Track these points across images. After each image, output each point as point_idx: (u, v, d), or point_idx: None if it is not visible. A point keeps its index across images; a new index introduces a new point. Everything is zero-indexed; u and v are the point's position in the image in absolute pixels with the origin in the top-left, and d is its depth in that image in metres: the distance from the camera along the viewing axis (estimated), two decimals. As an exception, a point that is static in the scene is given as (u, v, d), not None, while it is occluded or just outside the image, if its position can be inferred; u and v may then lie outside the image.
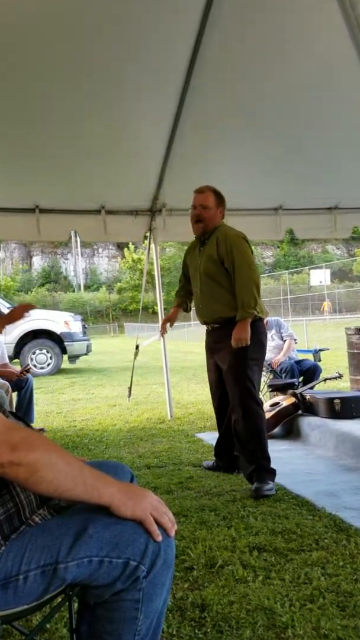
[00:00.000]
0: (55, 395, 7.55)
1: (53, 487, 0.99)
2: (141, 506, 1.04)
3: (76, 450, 4.09)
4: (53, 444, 1.04)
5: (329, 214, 5.29)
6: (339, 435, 3.74)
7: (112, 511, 1.03)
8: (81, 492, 1.01)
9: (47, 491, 1.00)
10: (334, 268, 41.57)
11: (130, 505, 1.03)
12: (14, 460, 0.96)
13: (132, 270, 44.20)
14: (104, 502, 1.03)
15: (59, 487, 1.00)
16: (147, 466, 3.52)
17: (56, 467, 0.99)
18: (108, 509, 1.03)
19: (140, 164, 4.33)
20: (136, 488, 1.09)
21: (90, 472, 1.04)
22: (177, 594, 1.85)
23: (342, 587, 1.85)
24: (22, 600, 1.01)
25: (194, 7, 2.85)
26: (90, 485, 1.02)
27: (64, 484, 1.00)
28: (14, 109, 3.45)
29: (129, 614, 1.03)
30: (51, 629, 1.67)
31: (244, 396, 3.00)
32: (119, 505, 1.03)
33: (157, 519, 1.04)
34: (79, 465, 1.03)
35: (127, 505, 1.03)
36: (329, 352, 7.12)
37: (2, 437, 0.97)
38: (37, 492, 1.05)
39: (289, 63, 3.29)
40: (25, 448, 0.97)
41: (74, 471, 1.01)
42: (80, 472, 1.03)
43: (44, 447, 1.00)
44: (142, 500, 1.05)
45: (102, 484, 1.04)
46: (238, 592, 1.84)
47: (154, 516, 1.04)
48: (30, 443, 0.99)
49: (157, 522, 1.04)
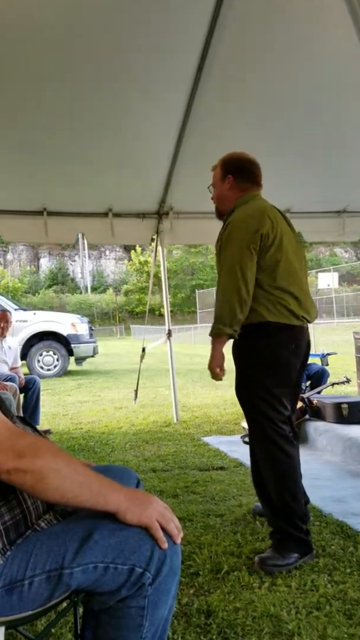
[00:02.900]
0: (62, 397, 7.56)
1: (59, 494, 0.99)
2: (147, 512, 1.03)
3: (82, 453, 4.09)
4: (59, 450, 1.04)
5: (338, 217, 5.27)
6: (347, 441, 3.71)
7: (118, 518, 1.02)
8: (87, 498, 1.01)
9: (53, 498, 1.00)
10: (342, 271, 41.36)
11: (136, 511, 1.03)
12: (20, 467, 0.95)
13: (138, 273, 44.28)
14: (110, 508, 1.02)
15: (65, 494, 0.99)
16: (153, 470, 3.51)
17: (62, 474, 0.99)
18: (114, 515, 1.02)
19: (147, 167, 4.34)
20: (142, 494, 1.08)
21: (97, 479, 1.04)
22: (183, 600, 1.84)
23: (349, 595, 1.83)
24: (27, 605, 1.00)
25: (203, 9, 2.85)
26: (96, 492, 1.02)
27: (70, 490, 0.99)
28: (22, 112, 3.46)
29: (134, 621, 1.03)
30: (56, 634, 1.67)
31: (257, 436, 2.24)
32: (125, 511, 1.02)
33: (163, 526, 1.03)
34: (85, 472, 1.03)
35: (134, 512, 1.02)
36: (337, 356, 7.07)
37: (8, 443, 0.97)
38: (43, 499, 1.05)
39: (297, 67, 3.28)
40: (31, 455, 0.97)
41: (80, 477, 1.01)
42: (87, 478, 1.02)
43: (50, 454, 1.00)
44: (149, 506, 1.04)
45: (108, 490, 1.03)
46: (244, 598, 1.83)
47: (160, 522, 1.03)
48: (36, 450, 0.98)
49: (163, 529, 1.03)
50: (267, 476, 2.18)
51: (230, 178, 2.37)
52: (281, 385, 2.20)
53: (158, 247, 5.21)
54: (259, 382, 2.19)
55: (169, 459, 3.79)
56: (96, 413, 6.06)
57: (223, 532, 2.42)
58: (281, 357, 2.18)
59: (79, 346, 10.76)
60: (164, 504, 1.09)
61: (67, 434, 4.91)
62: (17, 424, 1.13)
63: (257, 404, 2.20)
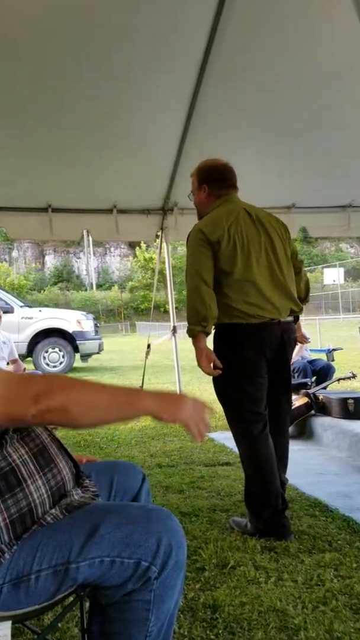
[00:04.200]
0: (68, 394, 7.58)
1: (90, 419, 1.00)
2: (181, 410, 1.03)
3: (88, 449, 4.11)
4: (72, 379, 1.03)
5: (343, 212, 5.23)
6: (353, 436, 3.70)
7: (154, 418, 1.02)
8: (118, 412, 1.02)
9: (88, 424, 1.01)
10: (348, 266, 41.22)
11: (170, 409, 1.03)
12: (41, 409, 0.95)
13: (143, 269, 44.25)
14: (143, 413, 1.02)
15: (96, 417, 1.00)
16: (159, 465, 3.51)
17: (84, 401, 0.99)
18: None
19: (152, 163, 4.33)
20: (169, 394, 1.09)
21: (120, 391, 1.05)
22: (189, 595, 1.84)
23: (355, 590, 1.83)
24: (34, 599, 1.01)
25: (206, 5, 2.84)
26: (124, 403, 1.02)
27: (98, 412, 1.00)
28: (26, 111, 3.46)
29: (140, 615, 1.03)
30: (63, 628, 1.67)
31: (231, 430, 2.49)
32: (159, 412, 1.02)
33: (193, 421, 1.04)
34: (106, 389, 1.03)
35: (168, 411, 1.02)
36: (343, 351, 7.05)
37: (21, 393, 0.97)
38: (82, 428, 1.06)
39: (301, 61, 3.26)
40: (46, 395, 0.96)
41: (103, 397, 1.01)
42: (110, 394, 1.03)
43: (64, 388, 0.99)
44: (181, 404, 1.04)
45: (136, 398, 1.03)
46: (250, 593, 1.83)
47: (192, 416, 1.04)
48: (50, 388, 0.98)
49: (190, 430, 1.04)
50: (243, 467, 2.43)
51: (205, 187, 2.52)
52: (249, 381, 2.34)
53: (163, 243, 5.20)
54: (229, 380, 2.35)
55: (175, 454, 3.79)
56: (102, 409, 6.08)
57: (229, 527, 2.42)
58: (244, 355, 2.32)
59: (84, 343, 10.79)
60: (194, 398, 1.08)
61: (73, 430, 4.93)
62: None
63: (228, 402, 2.41)
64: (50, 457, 1.11)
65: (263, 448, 2.34)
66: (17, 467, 1.04)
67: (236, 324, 2.32)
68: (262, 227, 2.42)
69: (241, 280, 2.32)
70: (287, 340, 2.41)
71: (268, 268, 2.38)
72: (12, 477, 1.02)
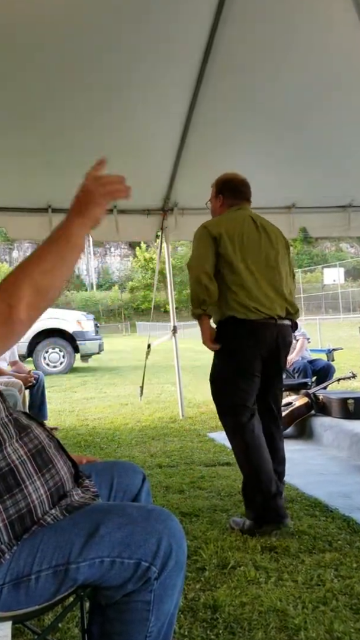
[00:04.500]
0: (68, 394, 7.59)
1: (60, 277, 1.02)
2: (91, 207, 1.07)
3: (88, 449, 4.11)
4: (17, 269, 1.01)
5: (343, 212, 5.24)
6: (353, 436, 3.70)
7: (92, 227, 1.08)
8: (69, 253, 1.04)
9: (64, 278, 1.03)
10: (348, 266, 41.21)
11: (87, 208, 1.07)
12: (22, 310, 0.96)
13: (144, 269, 44.25)
14: (78, 234, 1.05)
15: (60, 272, 1.02)
16: (159, 465, 3.52)
17: (43, 272, 0.99)
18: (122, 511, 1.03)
19: (152, 164, 4.32)
20: (79, 200, 1.10)
21: (54, 238, 1.05)
22: (189, 595, 1.84)
23: (355, 590, 1.83)
24: (34, 600, 1.01)
25: (207, 5, 2.84)
26: (64, 244, 1.04)
27: (59, 268, 1.02)
28: (26, 110, 3.46)
29: (140, 616, 1.03)
30: (63, 628, 1.68)
31: (220, 420, 2.62)
32: (85, 219, 1.06)
33: (108, 191, 1.09)
34: (47, 248, 1.03)
35: (88, 211, 1.07)
36: (343, 351, 7.06)
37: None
38: (62, 284, 1.05)
39: (302, 60, 3.26)
40: (15, 299, 0.96)
41: (50, 257, 1.02)
42: (52, 247, 1.04)
43: (20, 281, 0.98)
44: (90, 196, 1.08)
45: (67, 230, 1.06)
46: (250, 593, 1.83)
47: (104, 193, 1.09)
48: (11, 291, 0.97)
49: (112, 192, 1.10)
50: (235, 456, 2.55)
51: (221, 197, 2.75)
52: (241, 375, 2.49)
53: (163, 243, 5.20)
54: (221, 372, 2.55)
55: (175, 454, 3.79)
56: (102, 409, 6.08)
57: (229, 527, 2.42)
58: (241, 348, 2.49)
59: (84, 343, 10.80)
60: (89, 181, 1.11)
61: (73, 430, 4.93)
62: (21, 419, 1.13)
63: (219, 394, 2.56)
64: (48, 457, 1.11)
65: (249, 436, 2.45)
66: (16, 467, 1.04)
67: (236, 319, 2.48)
68: (264, 232, 2.62)
69: (241, 276, 2.50)
70: (281, 342, 2.54)
71: (266, 269, 2.56)
72: (10, 478, 1.02)
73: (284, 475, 2.62)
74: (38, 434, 1.13)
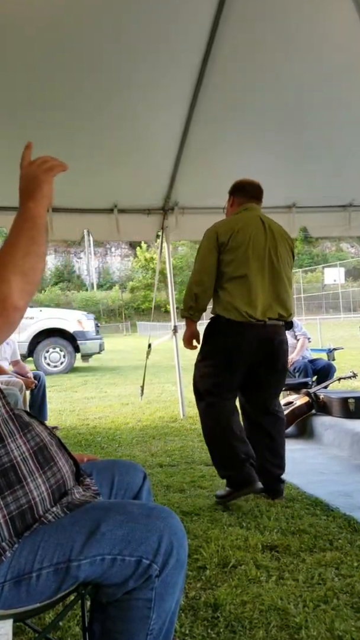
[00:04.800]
0: (69, 394, 7.59)
1: (39, 255, 1.05)
2: (41, 188, 1.14)
3: (89, 448, 4.11)
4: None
5: (344, 212, 5.24)
6: (354, 435, 3.70)
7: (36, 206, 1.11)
8: (37, 234, 1.07)
9: (42, 256, 1.06)
10: (348, 266, 41.18)
11: (39, 195, 1.13)
12: (17, 296, 0.98)
13: (144, 269, 44.25)
14: (37, 213, 1.10)
15: (37, 261, 1.04)
16: (160, 465, 3.52)
17: (21, 256, 1.02)
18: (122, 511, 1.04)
19: (152, 163, 4.33)
20: (28, 189, 1.17)
21: (19, 223, 1.09)
22: (190, 593, 1.84)
23: (356, 588, 1.83)
24: (35, 598, 1.01)
25: (207, 4, 2.84)
26: (31, 232, 1.07)
27: (34, 249, 1.04)
28: (26, 108, 3.46)
29: (141, 613, 1.03)
30: (64, 627, 1.68)
31: (196, 402, 2.91)
32: (38, 208, 1.11)
33: (48, 169, 1.17)
34: (17, 233, 1.07)
35: (35, 194, 1.13)
36: (343, 351, 7.06)
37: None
38: (43, 258, 1.08)
39: (302, 59, 3.26)
40: (5, 288, 0.98)
41: (22, 241, 1.05)
42: (20, 231, 1.07)
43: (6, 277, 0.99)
44: (40, 186, 1.15)
45: (28, 213, 1.10)
46: (251, 592, 1.83)
47: (43, 170, 1.16)
48: None
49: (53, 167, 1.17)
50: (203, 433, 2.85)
51: (232, 198, 2.96)
52: (219, 368, 2.71)
53: (163, 243, 5.20)
54: (201, 360, 2.81)
55: (176, 454, 3.79)
56: (103, 409, 6.08)
57: (230, 526, 2.42)
58: (223, 346, 2.69)
59: (85, 343, 10.79)
60: (28, 165, 1.22)
61: (74, 429, 4.93)
62: (22, 416, 1.14)
63: (198, 377, 2.81)
64: (50, 455, 1.11)
65: (216, 413, 2.71)
66: (18, 464, 1.04)
67: (224, 317, 2.67)
68: (270, 233, 2.74)
69: (237, 277, 2.66)
70: (271, 341, 2.69)
71: (266, 271, 2.69)
72: (12, 474, 1.02)
73: (280, 468, 2.80)
74: (40, 432, 1.13)
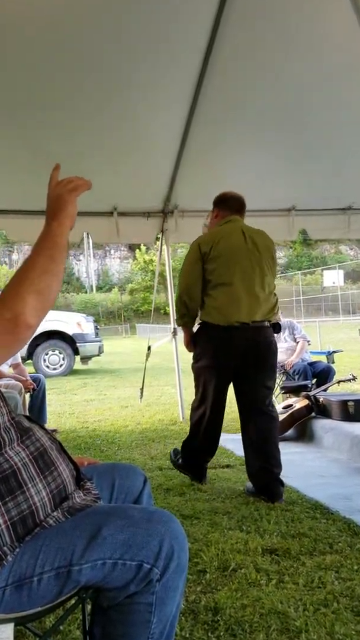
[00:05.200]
0: (68, 396, 7.58)
1: (56, 275, 1.06)
2: (65, 208, 1.19)
3: (88, 451, 4.10)
4: (13, 281, 1.03)
5: (343, 214, 5.25)
6: (353, 438, 3.70)
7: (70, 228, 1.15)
8: (58, 254, 1.09)
9: (58, 274, 1.07)
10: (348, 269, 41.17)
11: (59, 211, 1.18)
12: (29, 316, 0.98)
13: (143, 272, 44.23)
14: (61, 235, 1.13)
15: (55, 271, 1.06)
16: (159, 468, 3.51)
17: (37, 277, 1.03)
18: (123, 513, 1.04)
19: (152, 166, 4.34)
20: (55, 203, 1.22)
21: (41, 245, 1.10)
22: (190, 597, 1.84)
23: (356, 592, 1.83)
24: (36, 602, 1.01)
25: (207, 5, 2.85)
26: (51, 251, 1.08)
27: (51, 269, 1.05)
28: (26, 110, 3.47)
29: (142, 617, 1.03)
30: (64, 630, 1.67)
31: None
32: (60, 227, 1.14)
33: (73, 189, 1.23)
34: (36, 256, 1.07)
35: (61, 215, 1.17)
36: (343, 353, 7.06)
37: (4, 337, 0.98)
38: (60, 278, 1.08)
39: (302, 59, 3.27)
40: (18, 309, 0.98)
41: (41, 260, 1.06)
42: (41, 253, 1.08)
43: (19, 291, 1.00)
44: (64, 206, 1.20)
45: (51, 235, 1.12)
46: (251, 595, 1.83)
47: (68, 190, 1.22)
48: (12, 304, 0.99)
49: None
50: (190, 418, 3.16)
51: (216, 210, 3.14)
52: (207, 370, 2.96)
53: (163, 245, 5.21)
54: (197, 363, 3.06)
55: (175, 457, 3.78)
56: (102, 412, 6.08)
57: (230, 529, 2.42)
58: (210, 350, 2.93)
59: (84, 345, 10.78)
60: (56, 186, 1.26)
61: (73, 432, 4.92)
62: (22, 422, 1.14)
63: (195, 376, 3.09)
64: (50, 460, 1.11)
65: (203, 412, 3.02)
66: (18, 469, 1.04)
67: (210, 323, 2.90)
68: (251, 241, 2.91)
69: (221, 284, 2.86)
70: (259, 342, 2.85)
71: (248, 277, 2.85)
72: (12, 480, 1.03)
73: (277, 467, 2.87)
74: (40, 437, 1.13)
